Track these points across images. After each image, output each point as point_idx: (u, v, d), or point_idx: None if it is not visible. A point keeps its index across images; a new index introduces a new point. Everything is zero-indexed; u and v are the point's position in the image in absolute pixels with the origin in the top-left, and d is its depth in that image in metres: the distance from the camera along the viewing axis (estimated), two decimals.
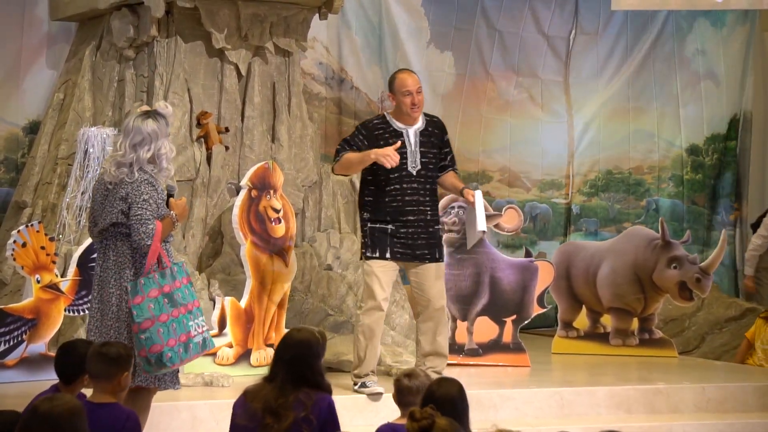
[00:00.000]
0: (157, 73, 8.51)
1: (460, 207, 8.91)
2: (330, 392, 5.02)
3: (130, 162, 5.79)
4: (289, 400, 4.86)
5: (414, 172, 7.35)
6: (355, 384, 7.33)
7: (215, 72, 8.69)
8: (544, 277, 9.03)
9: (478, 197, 7.34)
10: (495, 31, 11.76)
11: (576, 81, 12.11)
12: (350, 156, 7.27)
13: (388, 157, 7.12)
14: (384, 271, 7.31)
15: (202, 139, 8.54)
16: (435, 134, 7.47)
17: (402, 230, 7.31)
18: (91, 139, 8.39)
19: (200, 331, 5.83)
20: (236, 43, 8.63)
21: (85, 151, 8.39)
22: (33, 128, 9.45)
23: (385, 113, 7.50)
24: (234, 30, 8.60)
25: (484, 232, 7.41)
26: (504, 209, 9.15)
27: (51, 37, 9.53)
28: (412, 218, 7.33)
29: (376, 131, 7.34)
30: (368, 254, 7.30)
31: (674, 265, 9.60)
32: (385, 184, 7.31)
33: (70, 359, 5.23)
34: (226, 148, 8.61)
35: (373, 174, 7.34)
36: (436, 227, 7.45)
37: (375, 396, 7.23)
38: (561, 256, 9.89)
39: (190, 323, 5.78)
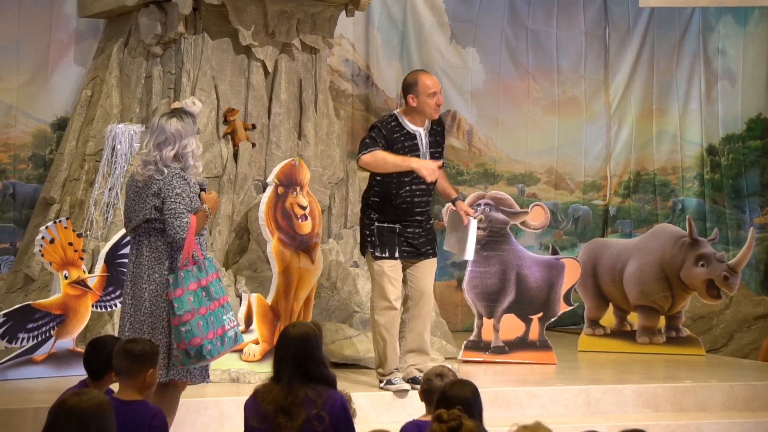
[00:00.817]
0: (184, 70, 8.53)
1: (486, 204, 8.90)
2: (335, 384, 5.01)
3: (155, 160, 5.82)
4: (299, 398, 4.86)
5: None
6: (381, 382, 7.34)
7: (242, 69, 8.70)
8: (571, 274, 9.01)
9: (472, 226, 7.45)
10: (526, 29, 11.70)
11: (614, 79, 12.05)
12: (386, 155, 7.19)
13: (431, 170, 7.12)
14: (394, 270, 7.34)
15: (229, 136, 8.55)
16: (438, 132, 7.48)
17: (408, 230, 7.35)
18: (119, 136, 8.42)
19: (232, 325, 5.87)
20: (263, 40, 8.64)
21: (113, 148, 8.42)
22: (61, 125, 9.48)
23: (395, 112, 7.45)
24: (261, 27, 8.61)
25: (468, 260, 7.95)
26: (530, 206, 9.15)
27: (79, 33, 9.57)
28: (419, 218, 7.39)
29: (395, 134, 7.31)
30: (377, 254, 7.31)
31: (702, 262, 9.56)
32: (397, 186, 7.29)
33: (99, 355, 5.24)
34: (253, 144, 8.61)
35: (385, 176, 7.32)
36: (432, 222, 7.56)
37: (401, 393, 7.23)
38: (588, 253, 9.86)
39: (224, 317, 5.81)
